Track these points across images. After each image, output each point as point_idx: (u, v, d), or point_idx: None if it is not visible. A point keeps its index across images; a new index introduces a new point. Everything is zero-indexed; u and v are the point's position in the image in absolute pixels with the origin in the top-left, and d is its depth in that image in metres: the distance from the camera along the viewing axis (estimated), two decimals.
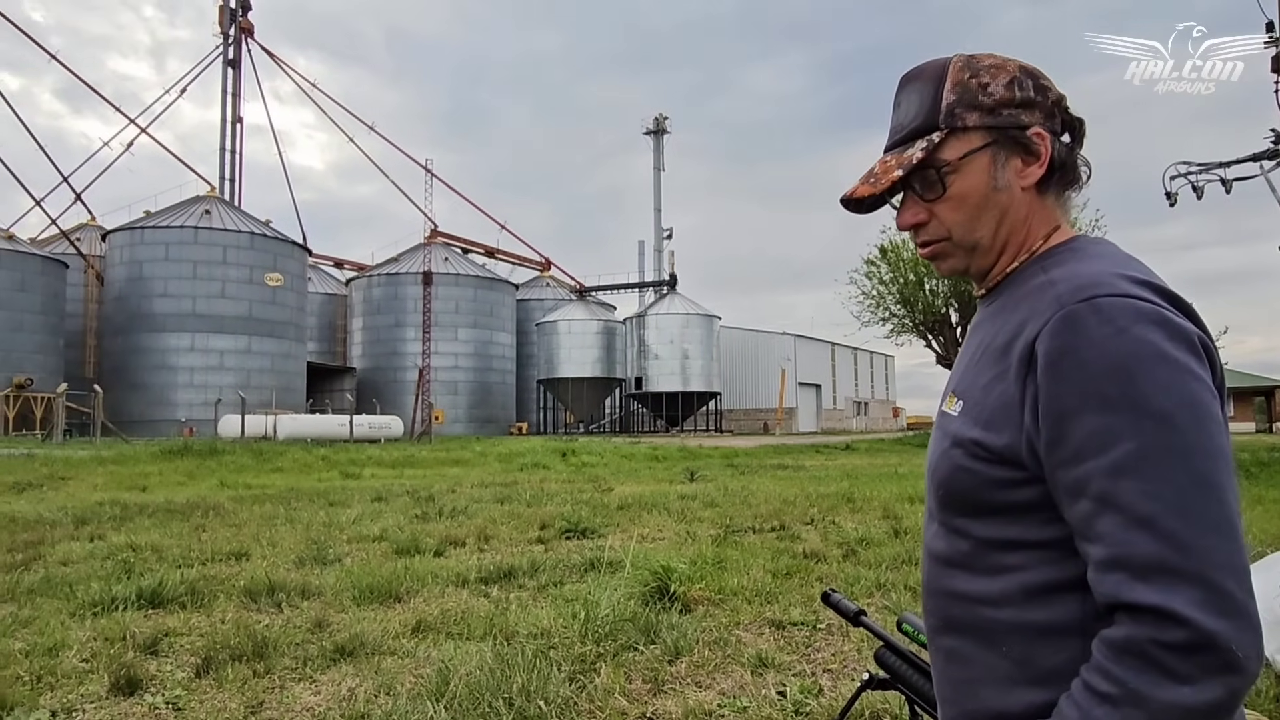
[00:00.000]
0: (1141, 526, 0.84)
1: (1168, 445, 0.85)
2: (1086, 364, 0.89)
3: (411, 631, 4.96)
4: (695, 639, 4.58)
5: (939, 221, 1.10)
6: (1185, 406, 0.87)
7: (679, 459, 23.28)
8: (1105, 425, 0.87)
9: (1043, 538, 0.97)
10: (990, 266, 1.13)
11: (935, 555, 1.12)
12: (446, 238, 64.95)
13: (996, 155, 1.07)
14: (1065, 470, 0.91)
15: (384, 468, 21.04)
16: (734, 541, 7.97)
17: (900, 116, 1.13)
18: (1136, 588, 0.83)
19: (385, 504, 11.85)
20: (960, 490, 1.04)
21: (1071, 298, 0.94)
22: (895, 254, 41.15)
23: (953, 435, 1.06)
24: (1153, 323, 0.89)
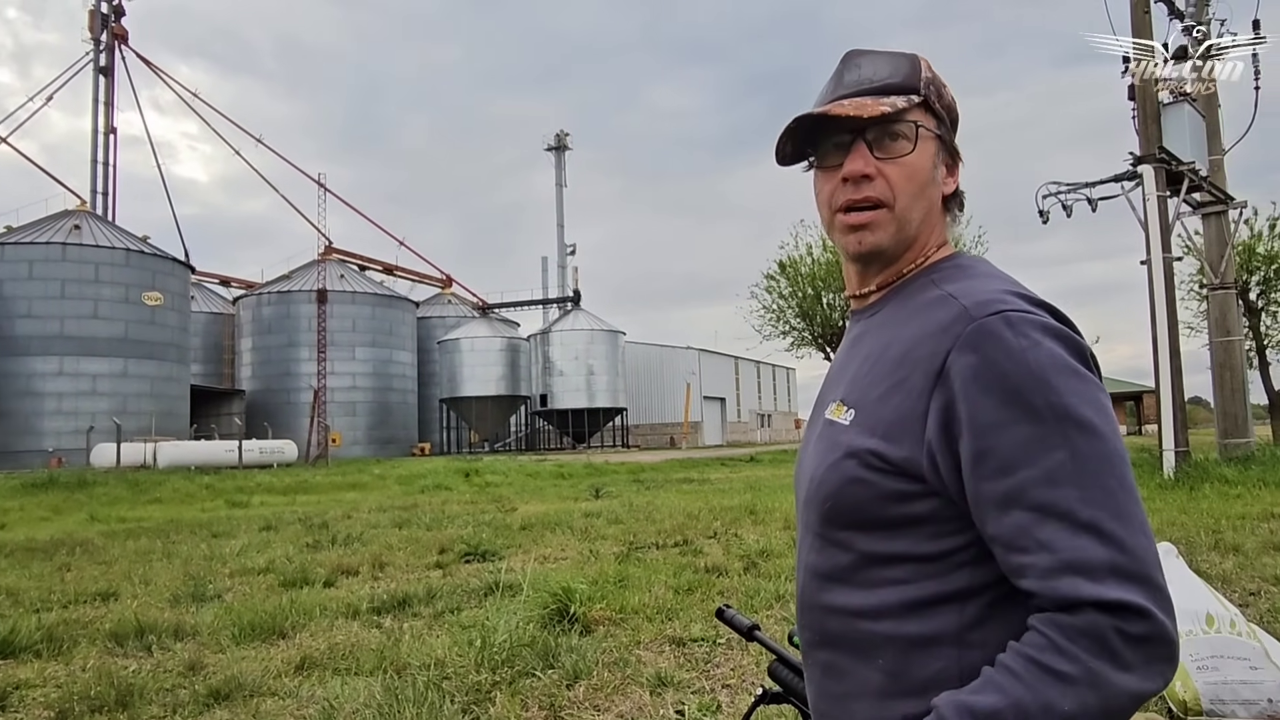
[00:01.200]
0: (1088, 532, 0.85)
1: (1095, 452, 0.88)
2: (1007, 375, 0.90)
3: (295, 669, 4.69)
4: (595, 661, 4.49)
5: (886, 184, 1.06)
6: (1102, 414, 0.90)
7: (585, 476, 23.14)
8: (1035, 435, 0.88)
9: (930, 551, 0.97)
10: (896, 258, 1.11)
11: (813, 569, 1.09)
12: (342, 254, 63.01)
13: (939, 150, 1.10)
14: (993, 482, 0.90)
15: (275, 495, 20.12)
16: (637, 558, 7.91)
17: (865, 73, 1.09)
18: (1097, 586, 0.84)
19: (275, 533, 11.30)
20: (851, 502, 1.01)
21: (980, 311, 0.94)
22: (794, 269, 42.23)
23: (845, 446, 1.03)
24: (1056, 337, 0.93)
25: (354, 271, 63.27)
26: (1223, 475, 12.44)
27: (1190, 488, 11.80)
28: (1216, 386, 16.72)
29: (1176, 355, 13.98)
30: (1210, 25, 16.56)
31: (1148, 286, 14.29)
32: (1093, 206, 15.64)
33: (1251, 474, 12.49)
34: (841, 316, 42.02)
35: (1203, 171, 15.48)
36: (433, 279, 72.34)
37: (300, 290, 58.13)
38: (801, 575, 1.13)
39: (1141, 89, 14.82)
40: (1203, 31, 16.48)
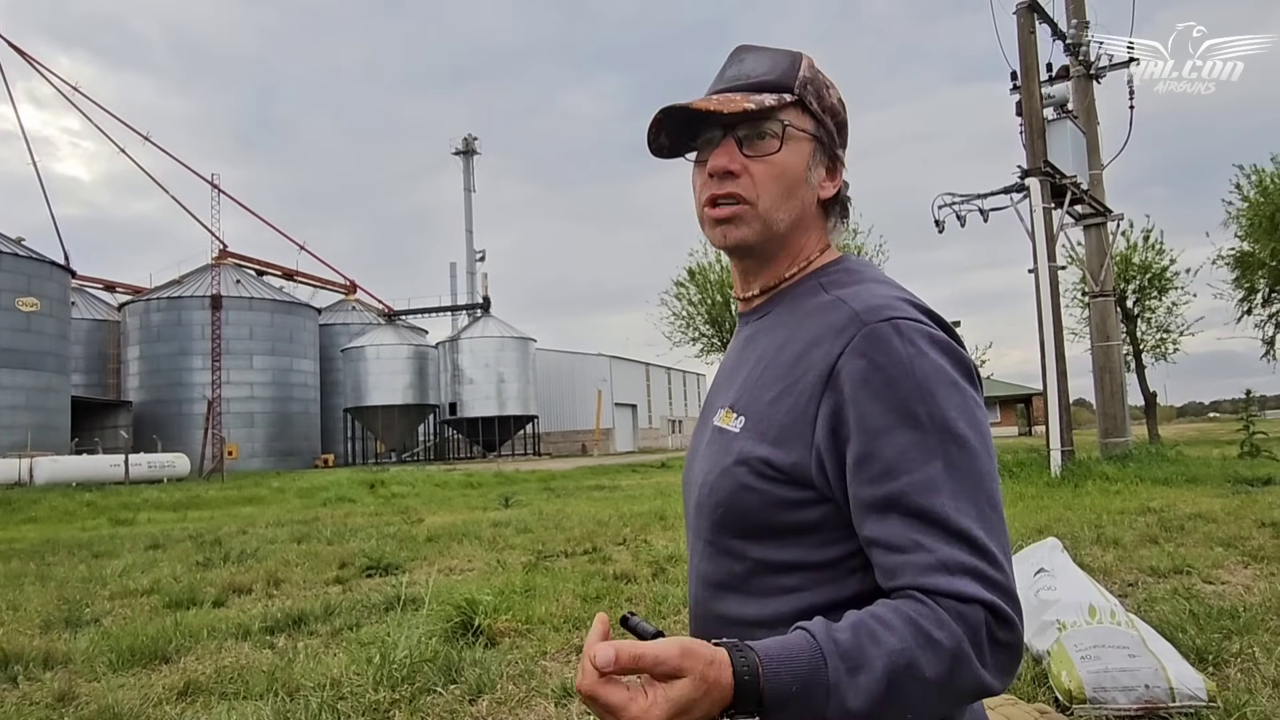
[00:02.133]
0: (960, 540, 0.87)
1: (970, 467, 0.90)
2: (895, 381, 0.91)
3: (178, 696, 4.41)
4: (499, 674, 4.38)
5: (750, 181, 1.05)
6: (977, 432, 0.92)
7: (495, 485, 22.81)
8: (917, 442, 0.90)
9: (822, 559, 0.97)
10: (771, 259, 1.11)
11: (705, 578, 1.08)
12: (238, 258, 60.54)
13: (815, 152, 1.09)
14: (874, 486, 0.90)
15: (164, 511, 19.09)
16: (545, 567, 7.81)
17: (745, 69, 1.09)
18: (970, 585, 0.86)
19: (162, 552, 10.68)
20: (742, 510, 1.00)
21: (871, 316, 0.95)
22: (703, 276, 42.78)
23: (736, 453, 1.01)
24: (942, 349, 0.95)
25: (251, 276, 60.84)
26: (1104, 473, 13.18)
27: (1075, 485, 12.44)
28: (1097, 389, 17.73)
29: (1062, 359, 14.76)
30: (1090, 47, 17.59)
31: (1035, 294, 15.04)
32: (984, 217, 16.38)
33: (1129, 471, 13.27)
34: None
35: (1084, 185, 16.42)
36: (336, 285, 70.26)
37: (193, 296, 55.55)
38: (693, 583, 1.12)
39: (1028, 105, 15.60)
40: (1084, 53, 17.49)
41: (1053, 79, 17.21)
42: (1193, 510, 9.02)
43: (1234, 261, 30.67)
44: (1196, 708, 3.33)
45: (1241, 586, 5.55)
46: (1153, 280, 30.85)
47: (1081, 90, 17.75)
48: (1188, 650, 3.99)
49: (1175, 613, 4.73)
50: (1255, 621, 4.51)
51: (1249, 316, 31.31)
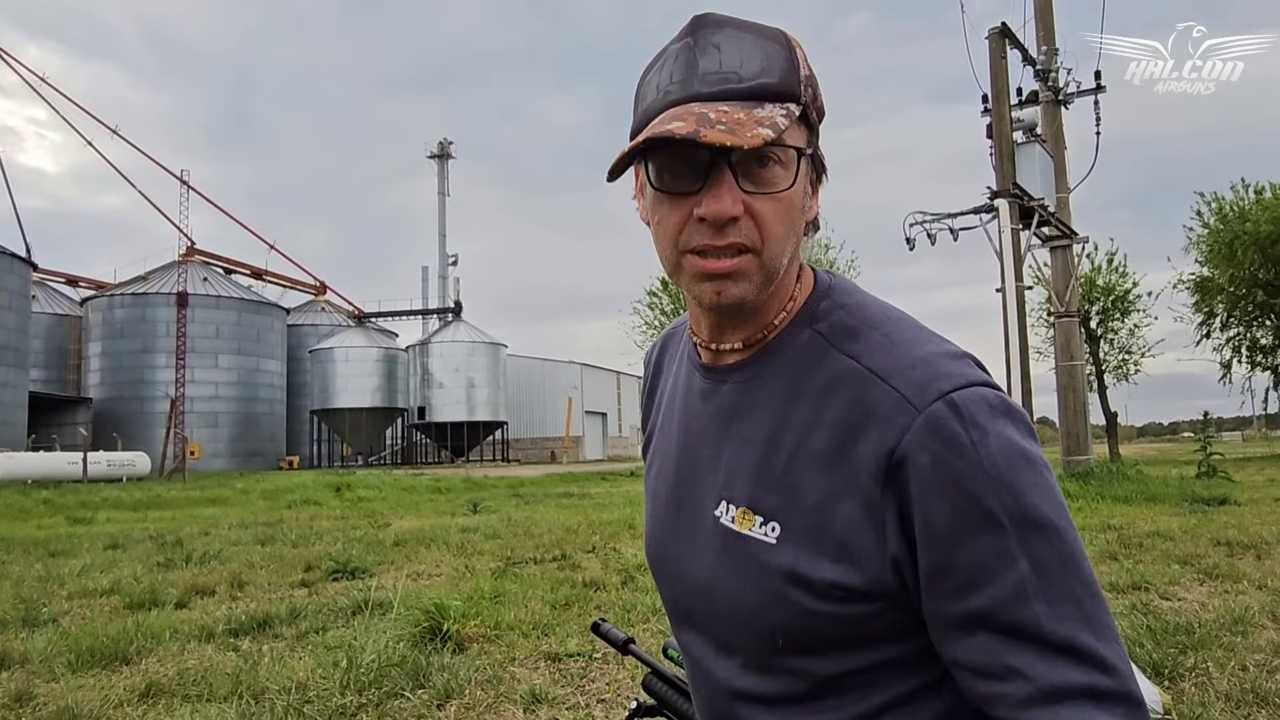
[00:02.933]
0: (1062, 654, 0.75)
1: (1060, 557, 0.77)
2: (961, 477, 0.77)
3: (140, 698, 4.34)
4: (467, 679, 4.37)
5: (753, 225, 0.81)
6: (1059, 508, 0.79)
7: (463, 490, 22.65)
8: (997, 547, 0.77)
9: (900, 654, 0.86)
10: (760, 309, 0.90)
11: (749, 696, 0.92)
12: (206, 256, 59.71)
13: (808, 169, 0.87)
14: (953, 602, 0.78)
15: (124, 510, 18.72)
16: (514, 574, 7.79)
17: (729, 61, 0.81)
18: (1075, 715, 0.74)
19: (122, 552, 10.49)
20: (808, 632, 0.86)
21: (923, 396, 0.80)
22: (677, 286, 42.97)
23: (783, 571, 0.85)
24: (1005, 416, 0.80)
25: (219, 275, 60.04)
26: (1066, 490, 13.41)
27: None
28: (1061, 407, 18.05)
29: (1027, 378, 15.03)
30: (1059, 73, 17.99)
31: (1003, 313, 15.31)
32: (954, 236, 16.66)
33: (1091, 488, 13.53)
34: None
35: (1051, 207, 16.76)
36: (305, 285, 69.53)
37: (158, 293, 54.66)
38: (719, 699, 0.96)
39: (998, 128, 15.91)
40: (1053, 79, 17.88)
41: (1022, 103, 17.59)
42: (1151, 528, 9.21)
43: (1194, 286, 31.49)
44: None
45: (1197, 603, 5.68)
46: (1116, 302, 31.55)
47: (1050, 115, 18.14)
48: (1145, 664, 4.09)
49: (1133, 628, 4.83)
50: (1210, 637, 4.63)
51: (1207, 340, 32.18)
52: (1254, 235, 27.95)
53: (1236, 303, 30.59)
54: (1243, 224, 28.55)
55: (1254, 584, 6.21)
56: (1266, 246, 28.01)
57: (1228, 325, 31.73)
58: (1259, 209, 28.58)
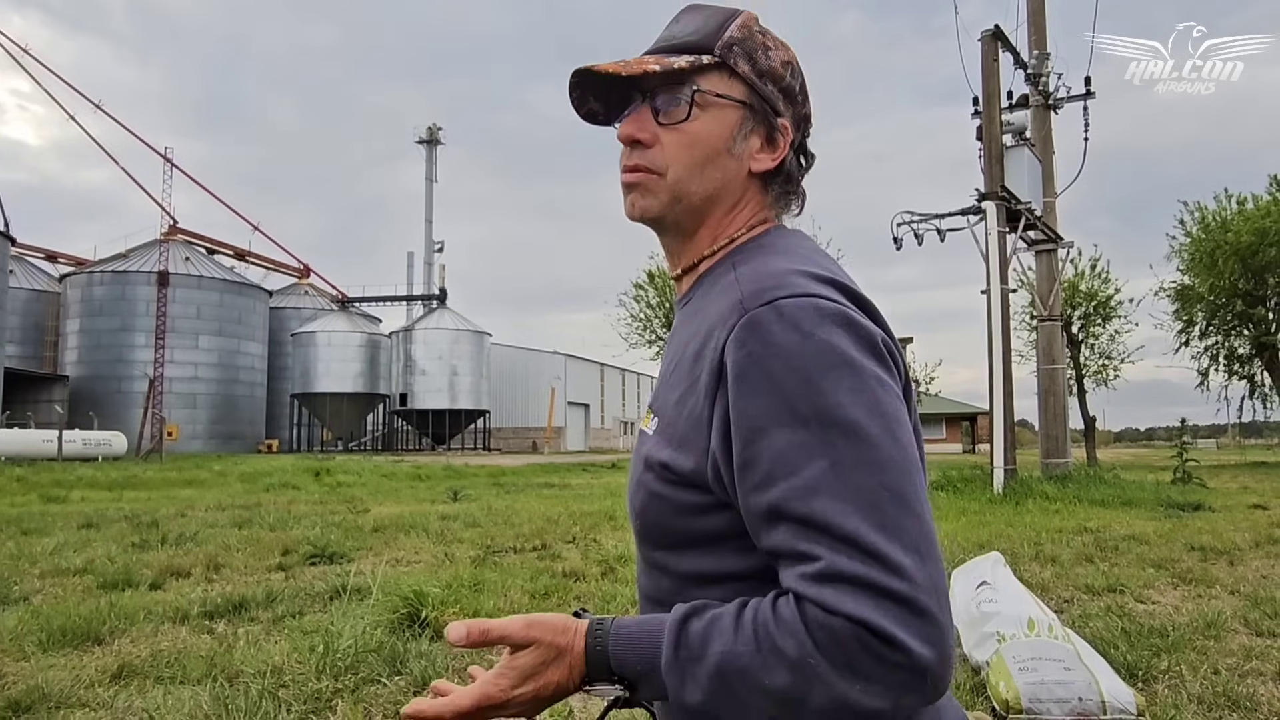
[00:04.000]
0: (846, 545, 0.77)
1: (861, 459, 0.79)
2: (772, 375, 0.81)
3: (111, 678, 4.29)
4: (445, 666, 4.36)
5: (661, 151, 0.98)
6: (875, 416, 0.80)
7: (443, 478, 22.58)
8: (796, 442, 0.80)
9: (743, 568, 0.89)
10: (689, 235, 1.03)
11: (643, 593, 1.03)
12: (188, 235, 59.07)
13: (744, 120, 0.99)
14: (759, 494, 0.81)
15: (99, 490, 18.53)
16: (493, 562, 7.77)
17: (675, 29, 1.01)
18: (847, 601, 0.76)
19: (96, 531, 10.37)
20: (654, 519, 0.95)
21: (753, 300, 0.85)
22: (663, 279, 42.94)
23: (645, 457, 0.96)
24: (836, 324, 0.83)
25: (201, 254, 59.44)
26: (1044, 492, 13.53)
27: (1016, 502, 12.75)
28: (1041, 410, 18.20)
29: (1008, 380, 15.13)
30: (1050, 78, 18.08)
31: (986, 315, 15.40)
32: (941, 237, 16.73)
33: (1069, 491, 13.66)
34: None
35: (1038, 211, 16.85)
36: (289, 268, 68.99)
37: (139, 271, 54.07)
38: (640, 601, 1.07)
39: (988, 131, 15.97)
40: (1044, 83, 17.97)
41: (1012, 106, 17.66)
42: (1127, 532, 9.31)
43: (1175, 294, 31.82)
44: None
45: (1171, 606, 5.75)
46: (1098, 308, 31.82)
47: (1039, 119, 18.23)
48: (1119, 665, 4.12)
49: (1109, 629, 4.88)
50: (1183, 640, 4.68)
51: (1186, 348, 32.53)
52: (1235, 245, 28.27)
53: (1216, 311, 30.95)
54: (1224, 234, 28.86)
55: (1226, 589, 6.28)
56: (1247, 257, 28.34)
57: (1207, 334, 32.10)
58: (1240, 219, 28.89)
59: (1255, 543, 8.49)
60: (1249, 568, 7.19)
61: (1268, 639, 4.88)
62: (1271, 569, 7.12)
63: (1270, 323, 29.96)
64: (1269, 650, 4.59)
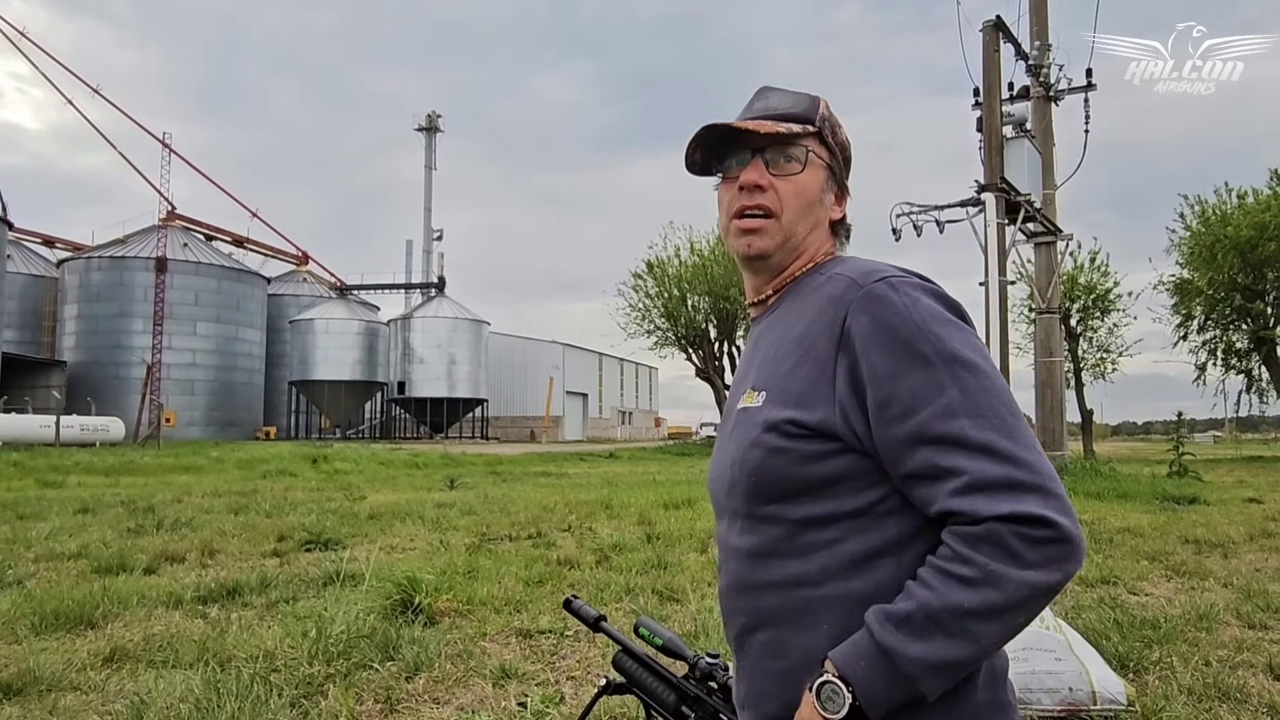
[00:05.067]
0: (985, 454, 0.95)
1: (981, 385, 0.99)
2: (896, 328, 1.01)
3: (104, 662, 4.30)
4: (437, 653, 4.35)
5: (775, 196, 1.18)
6: (981, 355, 1.03)
7: (440, 466, 22.62)
8: (928, 378, 0.99)
9: (855, 506, 1.04)
10: (784, 266, 1.22)
11: (743, 552, 1.14)
12: (187, 221, 58.83)
13: (829, 179, 1.24)
14: (898, 425, 0.99)
15: (96, 475, 18.55)
16: (488, 550, 7.77)
17: (771, 104, 1.23)
18: (994, 501, 0.93)
19: (92, 516, 10.40)
20: (774, 472, 1.07)
21: (866, 280, 1.07)
22: (662, 269, 42.85)
23: (761, 422, 1.10)
24: (933, 295, 1.06)
25: (199, 241, 59.22)
26: None
27: None
28: (1038, 403, 18.20)
29: (1006, 372, 15.12)
30: (1051, 69, 18.00)
31: (985, 307, 15.38)
32: (940, 228, 16.66)
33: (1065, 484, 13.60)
34: (705, 320, 42.98)
35: (1037, 204, 16.81)
36: (288, 255, 68.78)
37: (137, 256, 53.89)
38: (731, 565, 1.17)
39: (988, 122, 15.91)
40: (1045, 75, 17.89)
41: (1013, 98, 17.58)
42: (1122, 524, 9.33)
43: (1174, 288, 31.79)
44: (1116, 711, 3.45)
45: (1164, 599, 5.76)
46: (1096, 301, 31.80)
47: (1040, 111, 18.16)
48: (1111, 657, 4.13)
49: (1101, 620, 4.89)
50: (1175, 632, 4.69)
51: (1184, 342, 32.54)
52: (1234, 239, 28.23)
53: (1214, 306, 30.94)
54: (1224, 228, 28.82)
55: (1220, 582, 6.29)
56: (1246, 251, 28.31)
57: (1205, 328, 32.11)
58: (1240, 213, 28.85)
59: (1249, 536, 8.51)
60: (1243, 561, 7.21)
61: (1259, 631, 4.89)
62: (1265, 562, 7.14)
63: (1269, 317, 29.95)
64: (1260, 643, 4.60)
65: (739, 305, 41.00)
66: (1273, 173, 29.44)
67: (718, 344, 43.65)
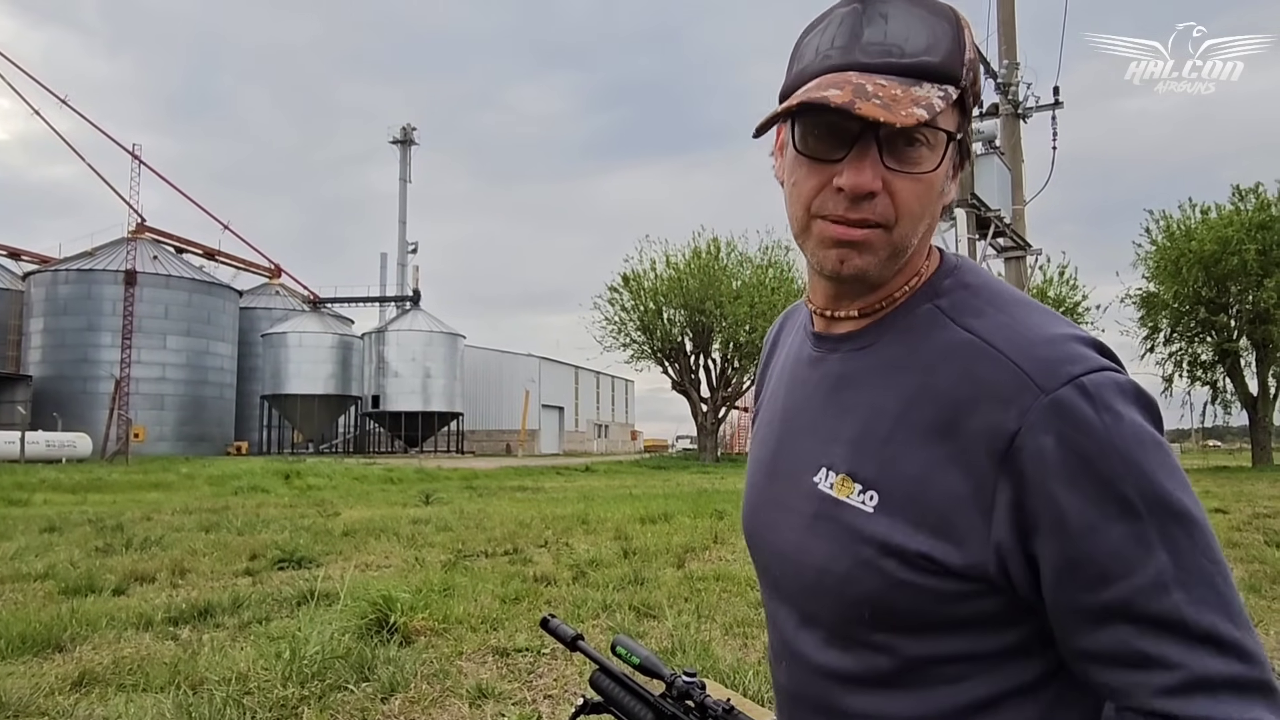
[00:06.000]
0: (1204, 643, 0.74)
1: (1195, 544, 0.76)
2: (1094, 464, 0.75)
3: (72, 686, 4.23)
4: (413, 673, 4.33)
5: (889, 201, 0.82)
6: (1191, 495, 0.78)
7: (415, 481, 22.44)
8: (1134, 535, 0.75)
9: (993, 647, 0.84)
10: (883, 283, 0.89)
11: (829, 672, 0.91)
12: (156, 234, 58.14)
13: (954, 156, 0.86)
14: (1091, 593, 0.76)
15: (62, 493, 18.21)
16: (464, 567, 7.73)
17: (894, 33, 0.81)
18: (1220, 706, 0.73)
19: (59, 535, 10.20)
20: (897, 609, 0.84)
21: (1049, 379, 0.77)
22: (638, 282, 42.99)
23: (876, 540, 0.84)
24: (1135, 401, 0.78)
25: (169, 253, 58.53)
26: None
27: None
28: None
29: None
30: (1019, 87, 18.36)
31: None
32: None
33: None
34: (681, 333, 43.12)
35: (1007, 219, 17.10)
36: (260, 268, 68.15)
37: (105, 269, 53.13)
38: (800, 674, 0.96)
39: None
40: (1013, 93, 18.24)
41: (983, 115, 17.90)
42: None
43: (1140, 301, 32.42)
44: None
45: None
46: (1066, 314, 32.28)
47: (1009, 128, 18.50)
48: None
49: None
50: None
51: (1151, 354, 33.14)
52: (1199, 254, 28.86)
53: (1180, 318, 31.56)
54: (1189, 242, 29.46)
55: None
56: (1210, 265, 28.94)
57: (1171, 340, 32.73)
58: (1204, 228, 29.52)
59: None
60: None
61: None
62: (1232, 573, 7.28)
63: (1232, 330, 30.61)
64: None
65: (714, 319, 41.23)
66: (1234, 189, 30.21)
67: (694, 357, 43.81)
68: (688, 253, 42.82)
